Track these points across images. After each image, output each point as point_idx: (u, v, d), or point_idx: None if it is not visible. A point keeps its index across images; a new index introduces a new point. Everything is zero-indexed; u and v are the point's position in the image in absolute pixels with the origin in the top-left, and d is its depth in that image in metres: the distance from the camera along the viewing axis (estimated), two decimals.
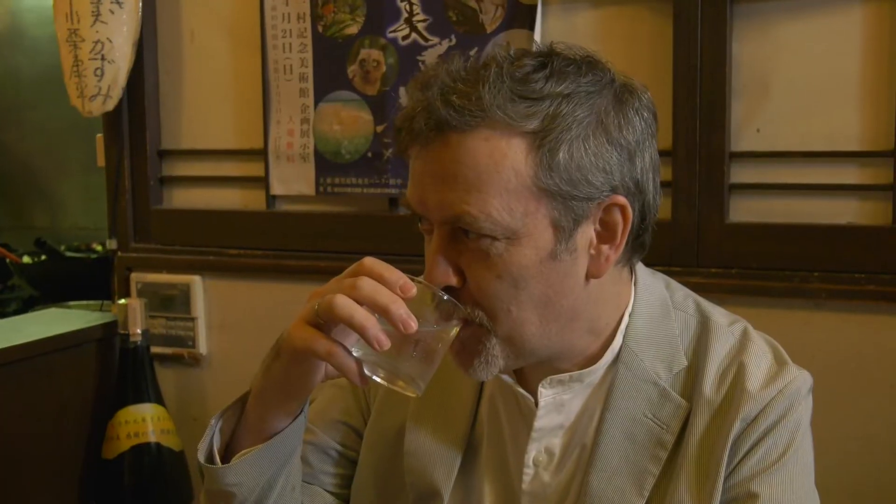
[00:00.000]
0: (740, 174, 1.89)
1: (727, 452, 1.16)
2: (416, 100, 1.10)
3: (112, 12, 2.27)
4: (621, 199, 1.11)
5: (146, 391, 2.24)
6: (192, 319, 2.38)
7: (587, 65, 1.12)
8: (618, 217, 1.12)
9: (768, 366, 1.20)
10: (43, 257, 3.37)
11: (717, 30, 1.85)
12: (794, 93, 1.84)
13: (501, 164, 1.06)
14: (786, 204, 1.86)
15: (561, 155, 1.07)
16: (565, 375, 1.21)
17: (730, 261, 1.88)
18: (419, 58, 2.10)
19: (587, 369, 1.21)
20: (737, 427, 1.16)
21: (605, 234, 1.13)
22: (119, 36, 2.29)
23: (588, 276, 1.14)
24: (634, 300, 1.23)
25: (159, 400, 2.27)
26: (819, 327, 1.83)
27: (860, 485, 1.81)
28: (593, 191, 1.09)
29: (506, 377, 1.24)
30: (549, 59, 1.10)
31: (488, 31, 2.03)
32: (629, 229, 1.13)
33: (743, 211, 1.89)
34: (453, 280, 1.11)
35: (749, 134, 1.88)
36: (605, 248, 1.13)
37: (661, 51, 1.89)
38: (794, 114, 1.84)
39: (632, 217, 1.12)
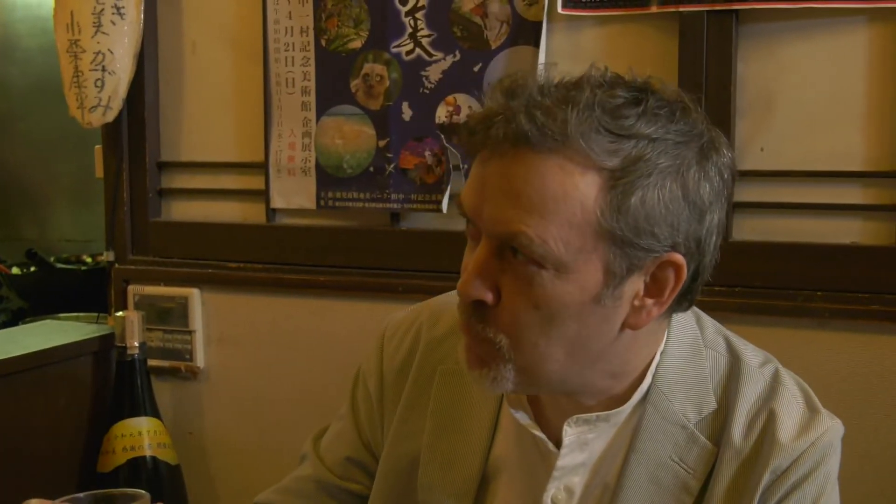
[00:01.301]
0: (744, 193, 1.89)
1: (755, 503, 1.14)
2: (498, 104, 1.05)
3: (113, 23, 2.27)
4: (678, 259, 1.07)
5: (143, 404, 2.22)
6: (190, 332, 2.36)
7: (681, 111, 1.07)
8: (670, 275, 1.08)
9: (800, 414, 1.17)
10: (33, 269, 3.35)
11: (723, 49, 1.85)
12: (799, 112, 1.85)
13: (571, 195, 1.02)
14: (790, 223, 1.87)
15: (633, 200, 1.02)
16: (592, 416, 1.18)
17: (733, 279, 1.87)
18: (423, 73, 2.10)
19: (615, 410, 1.18)
20: (766, 478, 1.14)
21: (654, 288, 1.09)
22: (120, 47, 2.28)
23: (624, 326, 1.10)
24: (667, 339, 1.20)
25: (156, 413, 2.25)
26: (822, 346, 1.83)
27: None
28: (655, 243, 1.04)
29: (522, 417, 1.21)
30: (645, 96, 1.05)
31: (493, 47, 2.04)
32: (679, 289, 1.09)
33: (747, 229, 1.90)
34: (488, 297, 1.07)
35: (753, 152, 1.88)
36: (649, 302, 1.09)
37: (667, 69, 1.89)
38: (799, 133, 1.85)
39: (685, 277, 1.08)
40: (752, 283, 1.87)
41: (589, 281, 1.05)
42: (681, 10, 1.86)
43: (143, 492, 1.10)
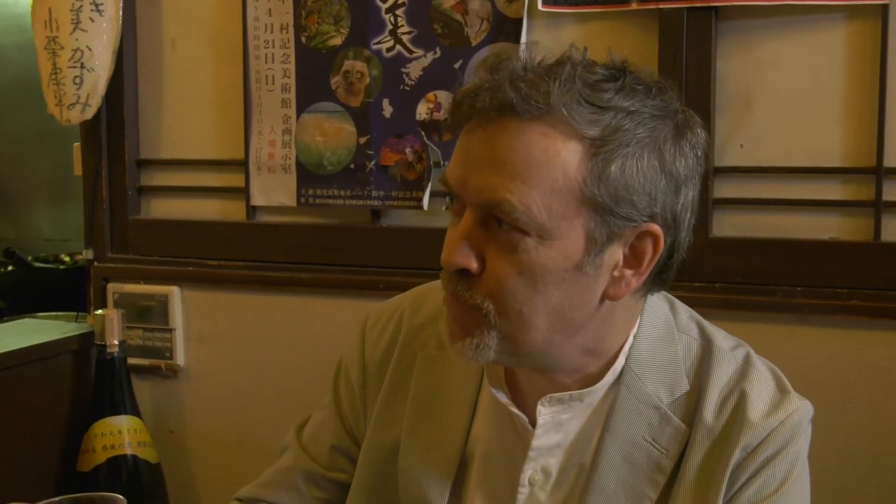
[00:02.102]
0: (724, 189, 1.90)
1: (726, 481, 1.16)
2: (482, 79, 1.09)
3: (92, 20, 2.25)
4: (656, 229, 1.10)
5: (123, 403, 2.21)
6: (170, 331, 2.35)
7: (657, 89, 1.12)
8: (648, 246, 1.11)
9: (770, 394, 1.20)
10: (10, 268, 3.33)
11: (703, 46, 1.86)
12: (778, 109, 1.86)
13: (553, 161, 1.05)
14: (769, 219, 1.88)
15: (613, 168, 1.06)
16: (565, 395, 1.20)
17: (713, 275, 1.89)
18: (403, 70, 2.10)
19: (588, 389, 1.20)
20: (737, 456, 1.16)
21: (632, 259, 1.12)
22: (99, 44, 2.27)
23: (604, 297, 1.13)
24: (640, 322, 1.22)
25: (136, 412, 2.23)
26: (802, 341, 1.84)
27: (840, 498, 1.83)
28: (633, 212, 1.08)
29: (501, 396, 1.23)
30: (622, 74, 1.10)
31: (473, 44, 2.04)
32: (656, 261, 1.12)
33: (727, 225, 1.91)
34: (473, 265, 1.10)
35: (733, 149, 1.89)
36: (628, 273, 1.12)
37: (647, 66, 1.86)
38: (778, 130, 1.86)
39: (662, 249, 1.12)
40: (733, 279, 1.88)
41: (571, 248, 1.08)
42: (660, 7, 1.87)
43: (120, 496, 1.10)
